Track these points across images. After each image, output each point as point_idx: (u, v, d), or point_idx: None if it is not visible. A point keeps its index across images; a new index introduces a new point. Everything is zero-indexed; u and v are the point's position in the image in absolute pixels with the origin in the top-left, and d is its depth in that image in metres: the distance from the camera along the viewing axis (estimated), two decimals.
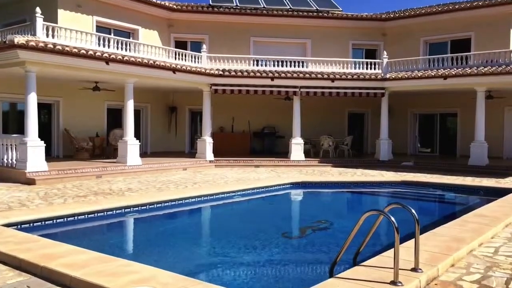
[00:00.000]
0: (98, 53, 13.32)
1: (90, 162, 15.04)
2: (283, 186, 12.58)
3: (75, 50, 12.76)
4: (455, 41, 20.64)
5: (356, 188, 12.96)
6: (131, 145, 15.00)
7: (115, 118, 18.93)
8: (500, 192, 10.58)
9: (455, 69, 17.31)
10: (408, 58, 19.09)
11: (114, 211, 8.53)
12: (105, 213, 8.39)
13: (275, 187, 12.36)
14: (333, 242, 7.36)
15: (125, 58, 14.12)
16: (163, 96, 21.21)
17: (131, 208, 8.81)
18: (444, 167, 17.07)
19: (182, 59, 17.27)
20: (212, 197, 10.57)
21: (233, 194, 11.04)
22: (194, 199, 10.13)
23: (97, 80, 15.73)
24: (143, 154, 19.33)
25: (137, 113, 19.61)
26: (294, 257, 6.51)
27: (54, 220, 7.63)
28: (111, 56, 13.65)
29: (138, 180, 13.11)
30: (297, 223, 9.07)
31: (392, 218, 4.27)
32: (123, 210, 8.67)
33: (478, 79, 16.44)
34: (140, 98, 18.95)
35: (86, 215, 8.07)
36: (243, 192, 11.31)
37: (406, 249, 5.15)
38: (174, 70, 15.97)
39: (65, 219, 7.79)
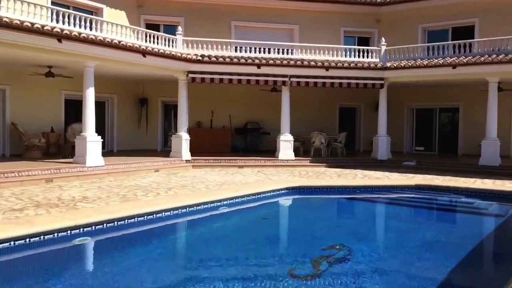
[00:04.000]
0: (48, 28, 10.69)
1: (41, 162, 12.42)
2: (278, 193, 10.28)
3: (17, 22, 10.11)
4: (457, 29, 18.75)
5: (364, 193, 10.77)
6: (91, 142, 12.43)
7: (75, 111, 16.13)
8: None
9: (464, 57, 15.40)
10: (409, 46, 17.07)
11: (55, 234, 6.07)
12: (42, 237, 5.94)
13: (268, 194, 10.04)
14: (363, 283, 5.07)
15: (82, 35, 11.51)
16: (132, 86, 18.56)
17: (81, 229, 6.37)
18: (451, 168, 15.17)
19: (153, 41, 14.69)
20: (192, 208, 8.21)
21: (218, 204, 8.72)
22: (168, 212, 7.76)
23: (49, 63, 13.07)
24: (109, 152, 16.80)
25: (101, 106, 17.06)
26: None
27: None
28: (64, 32, 11.01)
29: (98, 185, 10.60)
30: (305, 250, 6.65)
31: None
32: (68, 232, 6.23)
33: (492, 68, 14.54)
34: (105, 88, 16.34)
35: (11, 242, 5.62)
36: (230, 201, 8.99)
37: None
38: (144, 52, 13.42)
39: None
